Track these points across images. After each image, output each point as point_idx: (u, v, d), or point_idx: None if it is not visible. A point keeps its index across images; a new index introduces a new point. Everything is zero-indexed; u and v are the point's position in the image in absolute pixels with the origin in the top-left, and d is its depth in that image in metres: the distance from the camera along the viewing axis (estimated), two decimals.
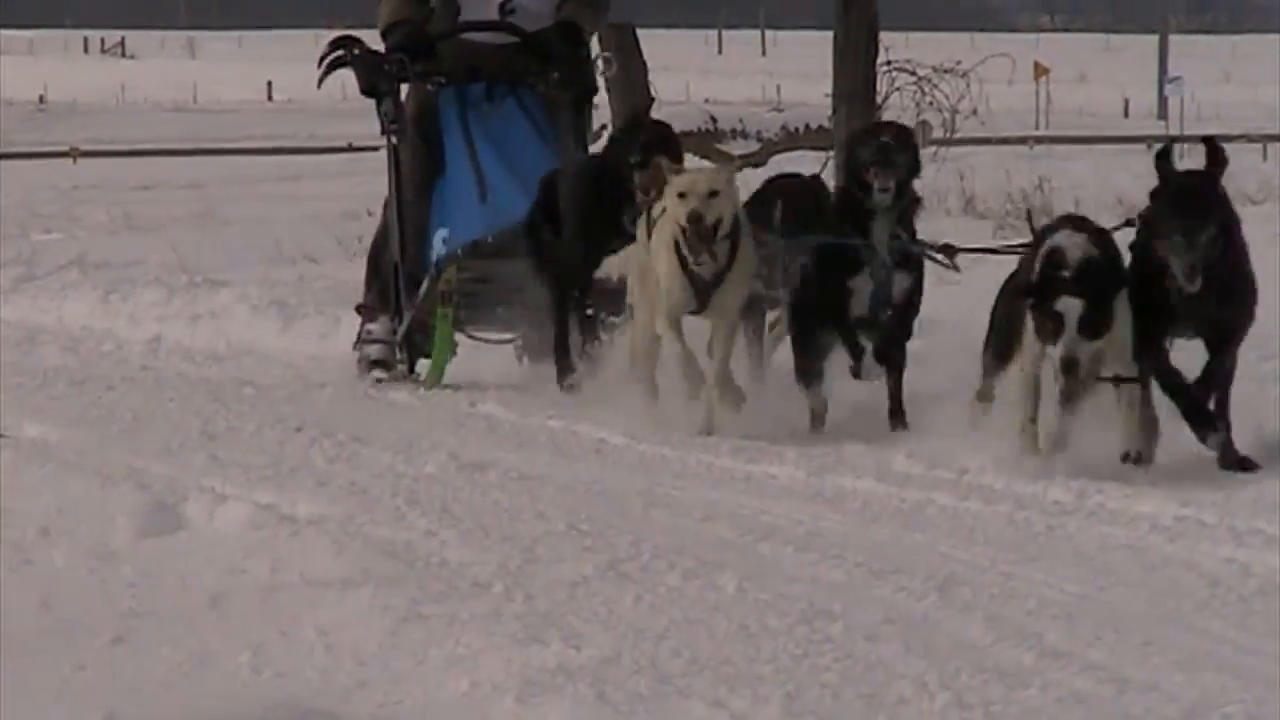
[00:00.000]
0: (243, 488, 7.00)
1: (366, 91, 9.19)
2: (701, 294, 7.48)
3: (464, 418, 8.66)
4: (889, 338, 7.62)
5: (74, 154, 37.16)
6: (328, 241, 17.14)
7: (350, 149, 38.11)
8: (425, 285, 9.01)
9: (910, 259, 7.70)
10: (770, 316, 8.34)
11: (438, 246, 9.04)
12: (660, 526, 6.55)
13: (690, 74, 52.28)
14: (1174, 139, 11.20)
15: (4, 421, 8.62)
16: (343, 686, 4.94)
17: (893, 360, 7.62)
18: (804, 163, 15.59)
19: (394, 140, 9.26)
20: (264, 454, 7.77)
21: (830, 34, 12.39)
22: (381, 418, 8.72)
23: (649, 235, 7.73)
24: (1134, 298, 6.89)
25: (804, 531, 6.46)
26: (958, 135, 18.72)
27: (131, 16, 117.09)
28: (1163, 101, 55.99)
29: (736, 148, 23.70)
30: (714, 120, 25.63)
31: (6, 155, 38.14)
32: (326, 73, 9.45)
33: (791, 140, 24.80)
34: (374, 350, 9.39)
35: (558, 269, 8.50)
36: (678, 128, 18.66)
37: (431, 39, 9.17)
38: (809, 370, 7.68)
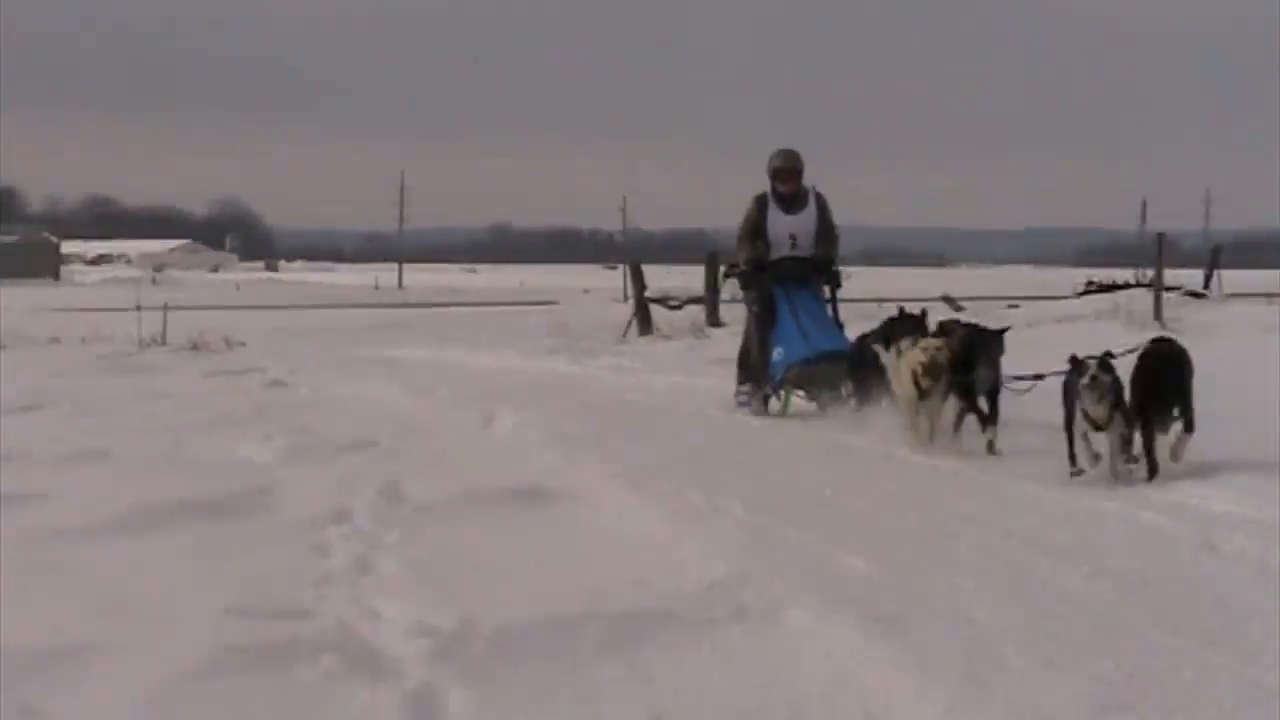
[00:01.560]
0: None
1: (744, 287, 11.98)
2: (924, 397, 9.23)
3: (697, 419, 11.21)
4: None
5: None
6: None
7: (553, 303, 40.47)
8: (779, 377, 11.47)
9: None
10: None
11: (777, 357, 11.49)
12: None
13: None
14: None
15: (497, 410, 11.29)
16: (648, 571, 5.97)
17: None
18: None
19: (754, 308, 11.81)
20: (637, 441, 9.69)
21: None
22: (674, 426, 10.83)
23: (898, 360, 9.52)
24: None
25: (747, 437, 9.07)
26: None
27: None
28: None
29: None
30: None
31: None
32: (727, 278, 12.75)
33: None
34: (743, 397, 11.75)
35: (863, 383, 10.43)
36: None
37: (769, 263, 11.67)
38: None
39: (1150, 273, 23.46)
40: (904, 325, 9.86)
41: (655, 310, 23.21)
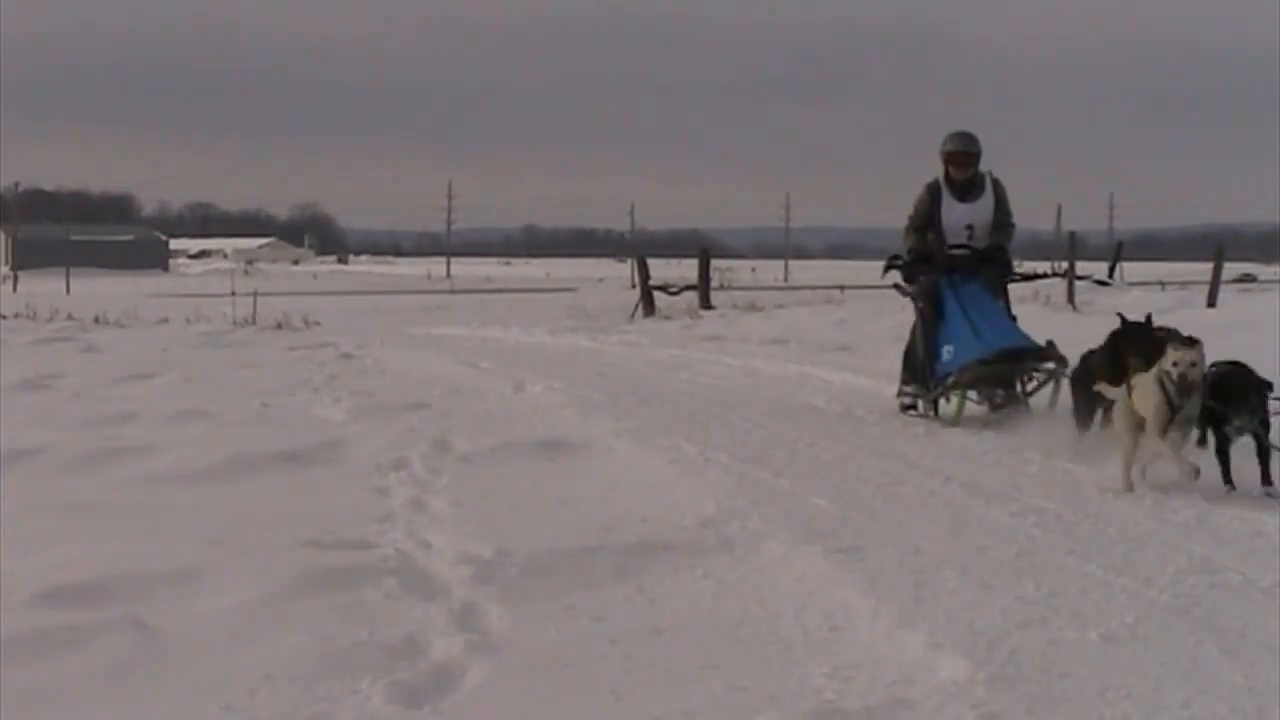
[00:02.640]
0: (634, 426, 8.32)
1: (907, 280, 9.14)
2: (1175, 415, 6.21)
3: (691, 384, 10.70)
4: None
5: None
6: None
7: (573, 289, 41.25)
8: (952, 379, 8.68)
9: None
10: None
11: (945, 355, 8.78)
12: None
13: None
14: None
15: (527, 378, 10.98)
16: (657, 507, 5.90)
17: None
18: None
19: (919, 304, 9.10)
20: (658, 408, 9.27)
21: None
22: (672, 390, 10.43)
23: (1129, 384, 6.49)
24: None
25: (733, 410, 8.77)
26: None
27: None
28: None
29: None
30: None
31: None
32: (887, 270, 9.23)
33: None
34: (907, 399, 9.09)
35: (1086, 392, 7.30)
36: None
37: (935, 255, 9.01)
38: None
39: (1064, 265, 23.41)
40: (1134, 337, 7.31)
41: (657, 296, 23.18)
